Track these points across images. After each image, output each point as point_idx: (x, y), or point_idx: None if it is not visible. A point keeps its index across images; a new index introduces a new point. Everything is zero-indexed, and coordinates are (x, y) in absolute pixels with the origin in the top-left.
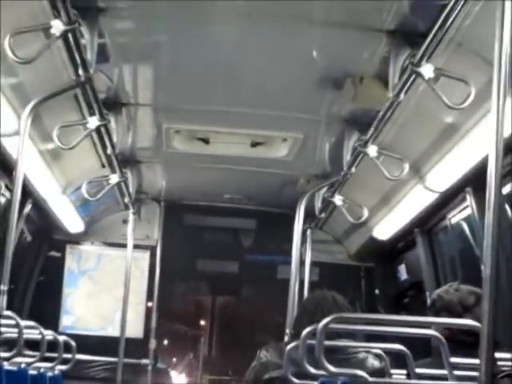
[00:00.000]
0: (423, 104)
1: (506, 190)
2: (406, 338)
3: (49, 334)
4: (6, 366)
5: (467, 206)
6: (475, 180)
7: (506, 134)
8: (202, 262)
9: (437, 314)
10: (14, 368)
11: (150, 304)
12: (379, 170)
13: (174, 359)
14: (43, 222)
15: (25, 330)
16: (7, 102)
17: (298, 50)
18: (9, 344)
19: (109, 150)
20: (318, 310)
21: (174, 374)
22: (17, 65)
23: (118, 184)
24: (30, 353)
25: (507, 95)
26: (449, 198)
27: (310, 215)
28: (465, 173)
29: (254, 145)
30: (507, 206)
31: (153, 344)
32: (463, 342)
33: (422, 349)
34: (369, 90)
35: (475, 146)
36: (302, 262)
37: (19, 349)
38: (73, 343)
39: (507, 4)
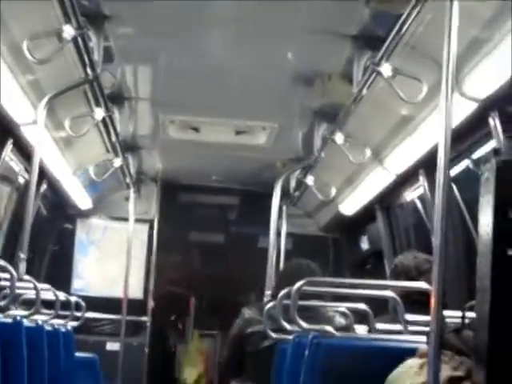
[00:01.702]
0: (382, 98)
1: (453, 172)
2: (368, 299)
3: (62, 295)
4: (25, 322)
5: (420, 186)
6: (427, 163)
7: (453, 125)
8: (193, 233)
9: (396, 278)
10: (32, 324)
11: (148, 269)
12: (345, 155)
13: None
14: (57, 200)
15: (41, 292)
16: (26, 96)
17: (275, 52)
18: (27, 304)
19: (113, 138)
20: (294, 274)
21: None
22: (34, 64)
23: (121, 167)
24: (46, 311)
25: (453, 91)
26: (404, 179)
27: (285, 193)
28: (418, 157)
29: (238, 133)
30: (454, 186)
31: (151, 304)
32: (417, 301)
33: (381, 308)
34: (336, 87)
35: (427, 135)
36: (278, 234)
37: (36, 308)
38: (83, 303)
39: (454, 13)
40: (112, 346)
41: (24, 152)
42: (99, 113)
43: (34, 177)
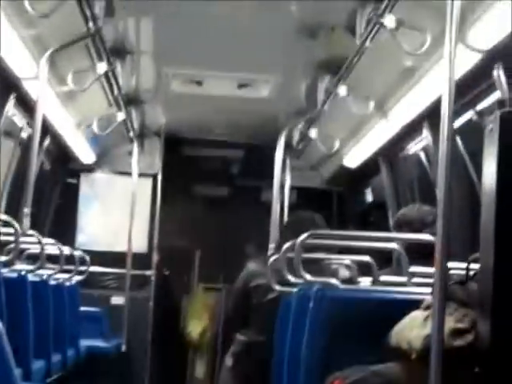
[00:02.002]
0: (386, 50)
1: (456, 123)
2: (372, 251)
3: (66, 250)
4: (30, 277)
5: (424, 138)
6: (431, 115)
7: (457, 76)
8: (197, 187)
9: (400, 230)
10: (37, 279)
11: (152, 223)
12: (348, 108)
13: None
14: (60, 154)
15: (46, 247)
16: (28, 50)
17: (279, 4)
18: (32, 259)
19: (115, 92)
20: (298, 227)
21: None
22: (35, 18)
23: (124, 121)
24: (51, 266)
25: (457, 42)
26: (408, 131)
27: (289, 146)
28: (422, 109)
29: (241, 86)
30: (457, 138)
31: (155, 258)
32: (421, 254)
33: (385, 260)
34: (339, 39)
35: (431, 86)
36: (282, 187)
37: (41, 262)
38: (87, 257)
39: None
40: (117, 300)
41: (27, 107)
42: (101, 67)
43: (37, 131)
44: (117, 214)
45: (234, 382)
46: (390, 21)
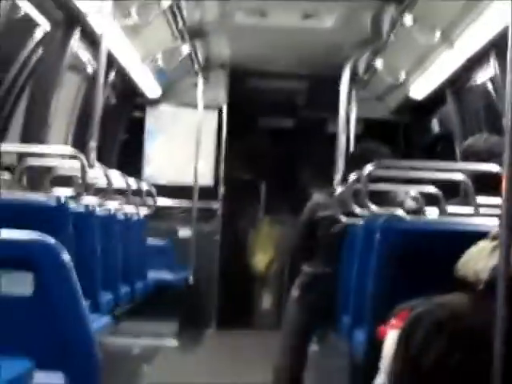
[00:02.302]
0: None
1: None
2: (439, 182)
3: (133, 183)
4: (98, 211)
5: (491, 67)
6: (498, 44)
7: None
8: (262, 119)
9: (467, 160)
10: (105, 212)
11: (218, 156)
12: (414, 37)
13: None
14: (126, 88)
15: (113, 180)
16: None
17: None
18: (100, 192)
19: (180, 25)
20: (363, 158)
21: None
22: None
23: (189, 54)
24: (118, 199)
25: None
26: (475, 61)
27: (354, 78)
28: (489, 38)
29: (306, 17)
30: None
31: (221, 190)
32: (488, 184)
33: (451, 191)
34: None
35: (498, 15)
36: (347, 118)
37: (108, 195)
38: (154, 190)
39: None
40: (184, 232)
41: (92, 41)
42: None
43: (103, 65)
44: (183, 147)
45: (301, 313)
46: None
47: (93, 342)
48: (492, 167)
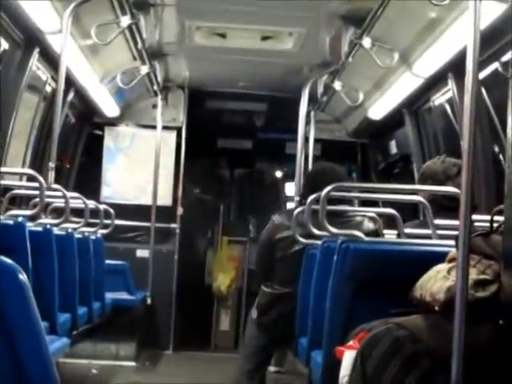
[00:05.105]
0: (411, 1)
1: (481, 75)
2: (396, 204)
3: (91, 203)
4: (56, 231)
5: (449, 90)
6: (455, 66)
7: (482, 27)
8: (221, 140)
9: (425, 182)
10: (63, 232)
11: (177, 176)
12: (373, 59)
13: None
14: (85, 108)
15: (70, 200)
16: (51, 4)
17: None
18: (57, 213)
19: (139, 45)
20: (321, 179)
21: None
22: None
23: (148, 74)
24: (76, 219)
25: None
26: (433, 83)
27: (313, 99)
28: (446, 60)
29: (264, 38)
30: (482, 89)
31: (180, 211)
32: (446, 206)
33: (409, 213)
34: None
35: (455, 37)
36: (306, 139)
37: (66, 216)
38: (112, 211)
39: None
40: (142, 253)
41: (51, 60)
42: (125, 20)
43: (61, 85)
44: (141, 167)
45: (259, 334)
46: None
47: (50, 363)
48: (449, 189)
